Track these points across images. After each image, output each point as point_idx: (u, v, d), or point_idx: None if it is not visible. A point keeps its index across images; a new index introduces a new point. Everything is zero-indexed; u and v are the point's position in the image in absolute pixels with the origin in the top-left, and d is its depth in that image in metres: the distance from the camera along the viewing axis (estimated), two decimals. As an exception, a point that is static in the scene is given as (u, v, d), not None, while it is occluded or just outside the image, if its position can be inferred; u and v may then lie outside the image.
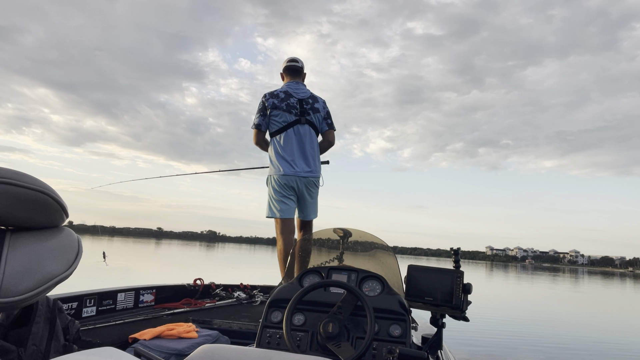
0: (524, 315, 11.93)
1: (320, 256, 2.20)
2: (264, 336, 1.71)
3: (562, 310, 13.96)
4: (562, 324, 10.81)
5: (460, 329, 7.56)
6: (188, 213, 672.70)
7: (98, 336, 2.06)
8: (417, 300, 1.74)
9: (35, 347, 1.14)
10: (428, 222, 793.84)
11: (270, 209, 3.39)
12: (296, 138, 3.40)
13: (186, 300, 3.01)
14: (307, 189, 3.43)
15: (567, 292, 23.06)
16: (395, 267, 1.99)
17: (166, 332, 2.13)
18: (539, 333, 8.94)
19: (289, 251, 3.19)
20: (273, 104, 3.40)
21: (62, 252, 0.97)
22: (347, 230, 2.16)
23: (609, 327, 10.77)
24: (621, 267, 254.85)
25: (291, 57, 3.63)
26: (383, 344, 1.62)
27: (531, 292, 21.59)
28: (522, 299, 17.93)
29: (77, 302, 2.27)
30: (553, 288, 25.83)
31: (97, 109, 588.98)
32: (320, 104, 3.55)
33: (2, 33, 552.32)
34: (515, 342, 7.78)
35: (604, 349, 7.76)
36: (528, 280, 34.91)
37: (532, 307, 14.44)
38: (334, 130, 3.63)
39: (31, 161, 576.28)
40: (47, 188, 0.93)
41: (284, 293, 1.81)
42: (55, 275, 0.92)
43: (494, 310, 12.32)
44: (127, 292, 2.65)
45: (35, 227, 0.97)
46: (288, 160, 3.36)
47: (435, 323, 1.74)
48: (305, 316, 1.72)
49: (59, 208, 0.96)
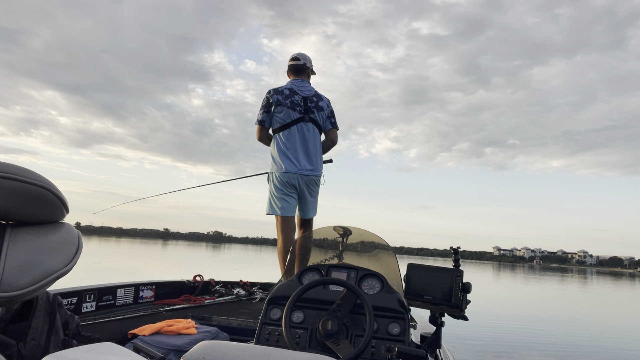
0: (530, 314, 11.84)
1: (320, 254, 2.20)
2: (263, 333, 1.72)
3: (570, 310, 13.83)
4: (570, 323, 10.72)
5: (465, 327, 7.55)
6: (194, 214, 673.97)
7: (97, 331, 2.08)
8: (416, 299, 1.74)
9: (35, 342, 1.15)
10: (434, 222, 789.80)
11: (271, 206, 3.37)
12: (299, 136, 3.39)
13: (185, 297, 3.03)
14: (308, 188, 3.42)
15: (576, 293, 22.84)
16: (394, 266, 2.00)
17: (165, 328, 2.14)
18: (546, 333, 8.87)
19: (289, 249, 3.19)
20: (277, 100, 3.38)
21: (62, 247, 0.98)
22: (347, 228, 2.16)
23: (619, 328, 10.66)
24: (630, 267, 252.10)
25: (294, 55, 3.61)
26: (382, 342, 1.63)
27: (539, 293, 21.42)
28: (529, 299, 17.79)
29: (77, 297, 2.29)
30: (562, 288, 25.60)
31: (104, 110, 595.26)
32: (325, 103, 3.54)
33: (10, 35, 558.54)
34: (521, 342, 7.74)
35: (614, 349, 7.68)
36: (536, 280, 34.61)
37: (539, 307, 14.32)
38: (337, 130, 3.61)
39: (39, 163, 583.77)
40: (48, 183, 0.94)
41: (283, 290, 1.82)
42: (55, 271, 0.93)
43: (499, 309, 12.27)
44: (126, 288, 2.66)
45: (36, 222, 0.99)
46: (291, 157, 3.35)
47: (435, 322, 1.74)
48: (305, 313, 1.73)
49: (60, 203, 0.97)
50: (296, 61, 3.58)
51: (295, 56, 3.62)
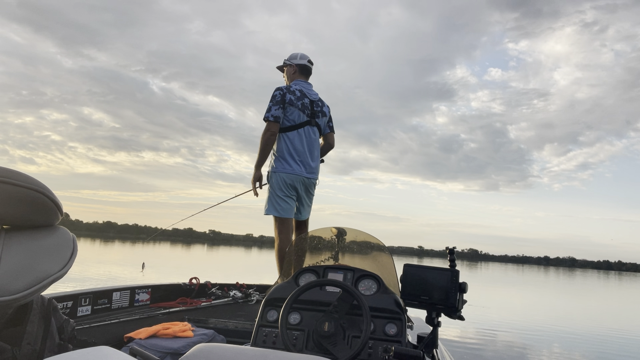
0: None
1: (316, 255, 2.21)
2: (260, 335, 1.72)
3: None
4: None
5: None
6: (448, 231, 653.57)
7: (93, 335, 2.06)
8: (412, 299, 1.75)
9: (30, 346, 1.14)
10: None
11: (272, 207, 3.35)
12: (307, 139, 3.40)
13: (182, 299, 3.01)
14: (307, 190, 3.45)
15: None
16: (391, 266, 2.00)
17: (162, 331, 2.13)
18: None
19: (286, 250, 3.19)
20: (290, 99, 3.35)
21: (57, 251, 0.97)
22: (343, 229, 2.17)
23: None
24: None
25: (308, 57, 3.58)
26: (379, 343, 1.63)
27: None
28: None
29: (72, 301, 2.26)
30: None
31: (359, 140, 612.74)
32: (327, 109, 3.60)
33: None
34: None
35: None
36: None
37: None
38: (334, 134, 3.68)
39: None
40: (43, 187, 0.93)
41: (279, 292, 1.81)
42: (50, 274, 0.92)
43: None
44: (122, 291, 2.64)
45: (31, 226, 0.98)
46: (297, 160, 3.35)
47: (431, 322, 1.75)
48: (301, 315, 1.72)
49: (54, 207, 0.97)
50: (310, 64, 3.57)
51: (309, 58, 3.58)
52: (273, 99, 3.31)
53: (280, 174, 3.34)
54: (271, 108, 3.29)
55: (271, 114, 3.28)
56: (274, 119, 3.27)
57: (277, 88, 3.37)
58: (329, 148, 3.68)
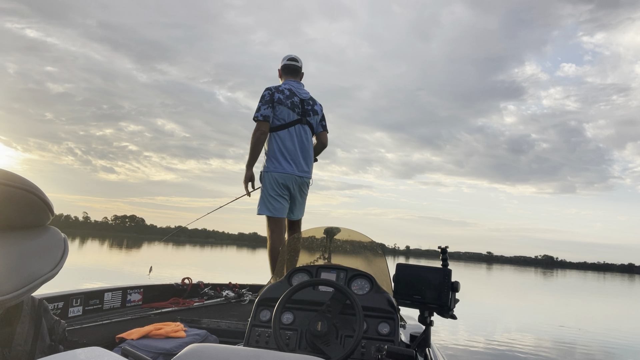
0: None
1: (309, 255, 2.21)
2: (253, 335, 1.71)
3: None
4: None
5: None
6: (518, 236, 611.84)
7: (85, 336, 2.04)
8: (405, 299, 1.75)
9: (21, 348, 1.13)
10: None
11: (264, 206, 3.35)
12: (297, 138, 3.39)
13: (174, 300, 2.99)
14: (300, 190, 3.45)
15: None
16: (383, 266, 2.01)
17: (154, 331, 2.11)
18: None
19: (279, 250, 3.19)
20: (279, 98, 3.36)
21: (47, 251, 0.96)
22: (336, 228, 2.17)
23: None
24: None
25: (291, 56, 3.61)
26: (372, 342, 1.64)
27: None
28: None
29: (63, 301, 2.24)
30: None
31: (422, 143, 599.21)
32: (319, 107, 3.59)
33: (346, 93, 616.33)
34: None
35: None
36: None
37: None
38: (327, 132, 3.67)
39: (374, 195, 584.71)
40: (33, 187, 0.92)
41: (272, 292, 1.81)
42: (41, 275, 0.91)
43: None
44: (114, 292, 2.62)
45: (21, 226, 0.97)
46: (288, 159, 3.35)
47: (424, 321, 1.75)
48: (294, 315, 1.73)
49: (45, 207, 0.96)
50: (293, 62, 3.58)
51: (292, 57, 3.61)
52: (262, 99, 3.36)
53: (272, 173, 3.35)
54: (260, 108, 3.33)
55: (260, 113, 3.32)
56: (264, 118, 3.31)
57: (266, 88, 3.41)
58: (322, 147, 3.67)
